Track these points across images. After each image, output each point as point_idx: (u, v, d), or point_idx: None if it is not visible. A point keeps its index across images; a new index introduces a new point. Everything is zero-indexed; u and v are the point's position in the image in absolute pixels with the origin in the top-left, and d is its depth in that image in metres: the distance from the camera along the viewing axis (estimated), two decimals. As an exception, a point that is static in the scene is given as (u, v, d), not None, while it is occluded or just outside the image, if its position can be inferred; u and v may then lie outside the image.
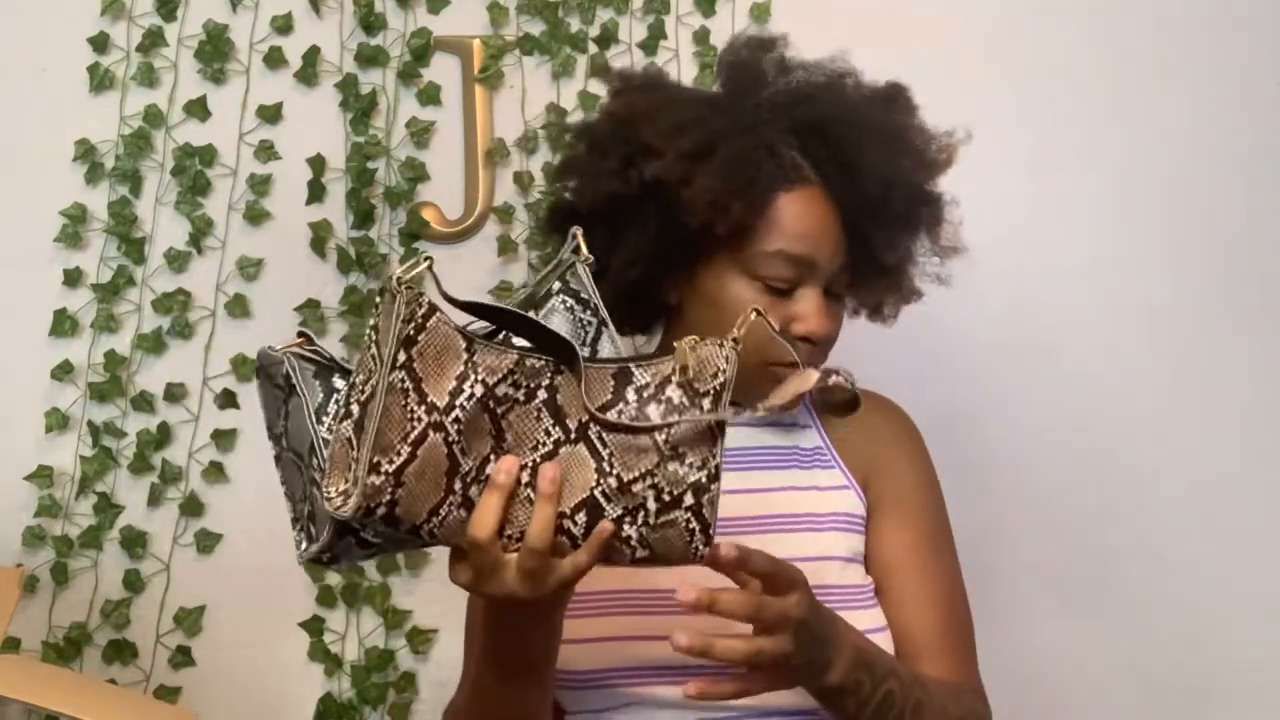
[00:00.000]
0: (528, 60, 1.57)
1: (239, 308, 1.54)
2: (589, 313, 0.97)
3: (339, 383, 0.88)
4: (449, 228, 1.56)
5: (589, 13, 1.56)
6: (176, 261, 1.54)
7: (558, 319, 0.96)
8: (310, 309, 1.55)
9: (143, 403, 1.54)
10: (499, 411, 0.85)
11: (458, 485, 0.84)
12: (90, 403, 1.53)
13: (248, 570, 1.54)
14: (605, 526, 0.85)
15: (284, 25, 1.54)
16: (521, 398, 0.85)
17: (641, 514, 0.86)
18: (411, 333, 0.82)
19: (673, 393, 0.87)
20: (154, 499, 1.54)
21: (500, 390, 0.84)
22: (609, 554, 0.87)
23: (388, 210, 1.56)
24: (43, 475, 1.52)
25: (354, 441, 0.81)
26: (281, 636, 1.55)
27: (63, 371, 1.52)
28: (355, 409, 0.82)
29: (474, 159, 1.56)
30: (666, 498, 0.86)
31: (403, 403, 0.82)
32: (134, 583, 1.53)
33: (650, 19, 1.57)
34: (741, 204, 1.06)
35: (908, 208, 1.14)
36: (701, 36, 1.57)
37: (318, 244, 1.55)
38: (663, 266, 1.12)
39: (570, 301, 0.97)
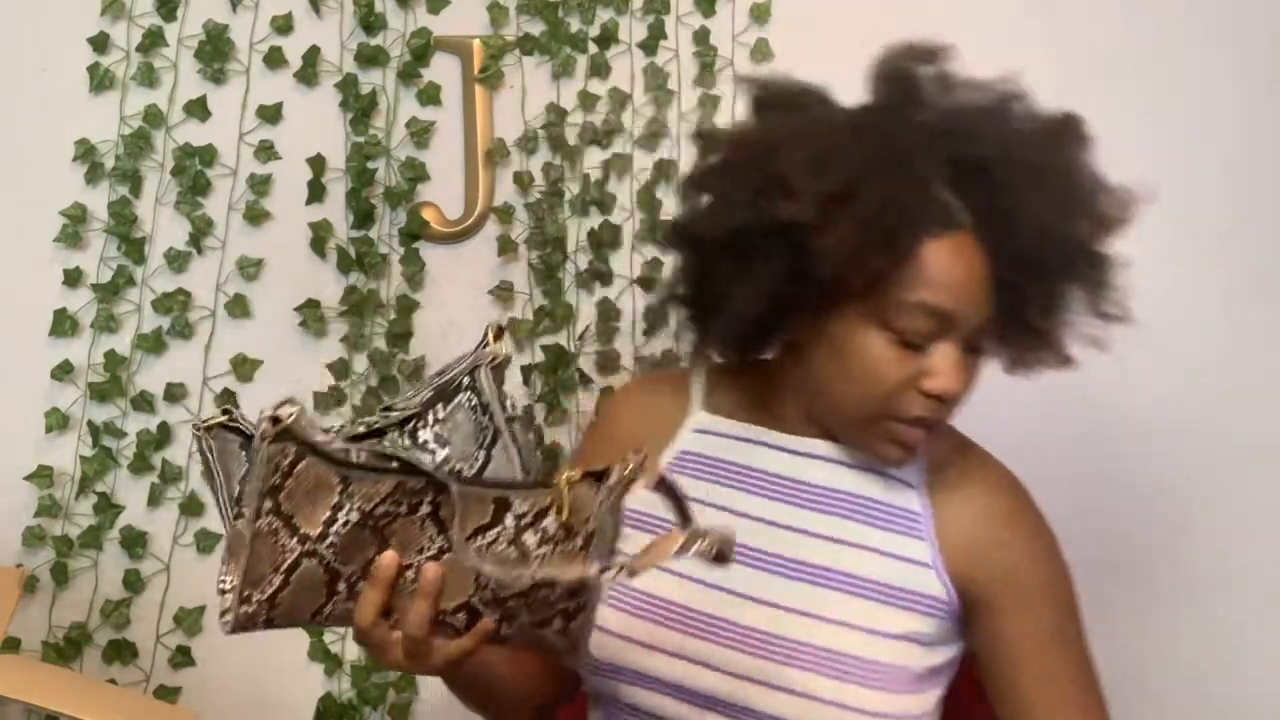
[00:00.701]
0: (528, 60, 1.57)
1: (239, 308, 1.54)
2: (487, 417, 0.97)
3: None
4: (449, 228, 1.56)
5: (589, 13, 1.56)
6: (176, 261, 1.54)
7: (461, 415, 0.97)
8: (310, 309, 1.55)
9: (143, 403, 1.54)
10: (382, 524, 0.88)
11: (341, 586, 0.89)
12: (90, 403, 1.53)
13: (248, 570, 1.54)
14: (487, 625, 0.89)
15: (284, 25, 1.54)
16: (404, 511, 0.88)
17: (517, 622, 0.91)
18: (277, 482, 0.86)
19: (549, 523, 0.88)
20: (154, 499, 1.54)
21: (380, 510, 0.88)
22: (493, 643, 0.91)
23: (388, 210, 1.56)
24: (43, 475, 1.52)
25: (226, 566, 0.88)
26: (281, 636, 1.54)
27: (63, 371, 1.52)
28: (229, 530, 0.88)
29: (474, 159, 1.56)
30: (538, 617, 0.91)
31: (273, 541, 0.87)
32: (134, 583, 1.53)
33: (650, 19, 1.57)
34: (883, 257, 0.96)
35: (1069, 267, 1.03)
36: (701, 36, 1.57)
37: (318, 244, 1.55)
38: (788, 306, 1.02)
39: (474, 400, 0.98)
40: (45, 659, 1.50)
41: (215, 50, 1.53)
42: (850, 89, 1.08)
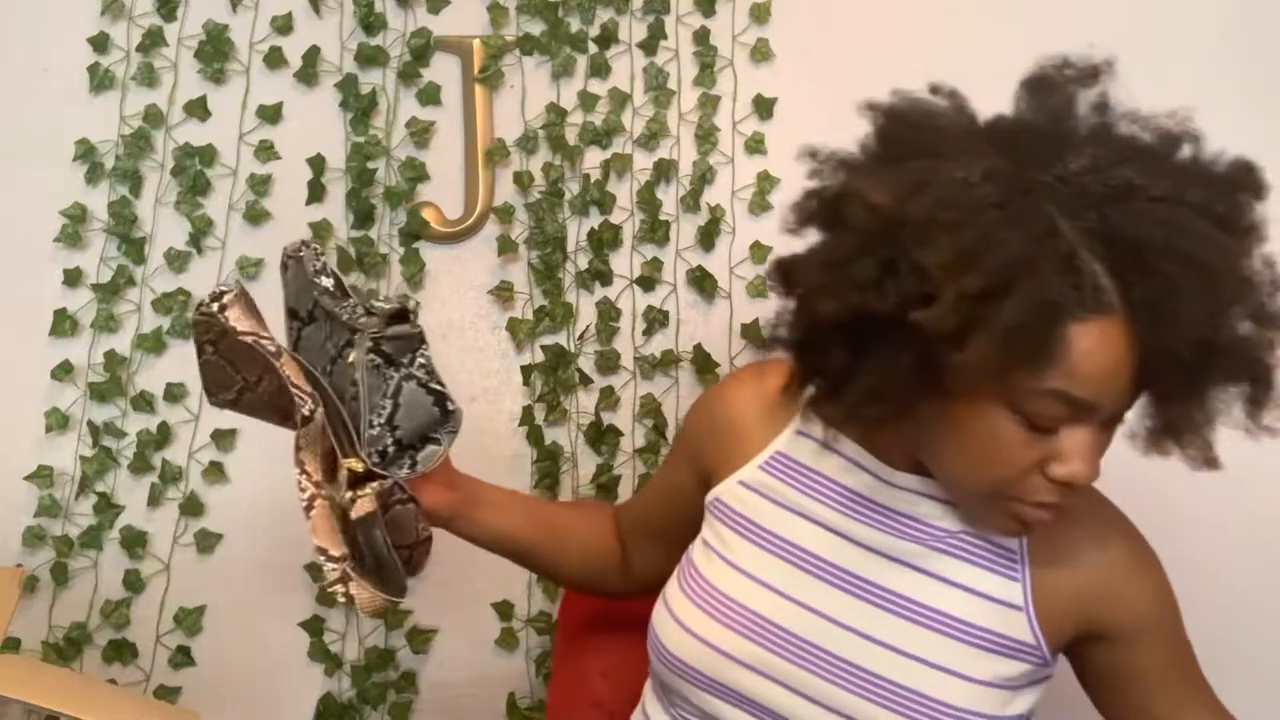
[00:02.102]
0: (528, 60, 1.57)
1: (239, 308, 1.54)
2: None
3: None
4: (449, 228, 1.56)
5: (589, 13, 1.56)
6: (176, 261, 1.54)
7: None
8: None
9: (143, 403, 1.54)
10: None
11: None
12: (90, 403, 1.53)
13: (248, 570, 1.54)
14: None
15: (284, 25, 1.54)
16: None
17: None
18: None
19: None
20: (154, 499, 1.54)
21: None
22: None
23: (388, 210, 1.56)
24: (43, 475, 1.52)
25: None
26: (281, 636, 1.55)
27: (63, 371, 1.52)
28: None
29: (474, 159, 1.56)
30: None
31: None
32: (134, 583, 1.53)
33: (650, 19, 1.57)
34: (1027, 367, 0.85)
35: (1226, 375, 0.88)
36: (701, 36, 1.57)
37: (318, 244, 1.55)
38: (908, 391, 0.90)
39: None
40: (45, 659, 1.50)
41: (215, 50, 1.53)
42: (850, 88, 1.08)
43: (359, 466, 1.00)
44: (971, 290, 0.82)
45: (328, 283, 1.06)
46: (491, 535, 1.16)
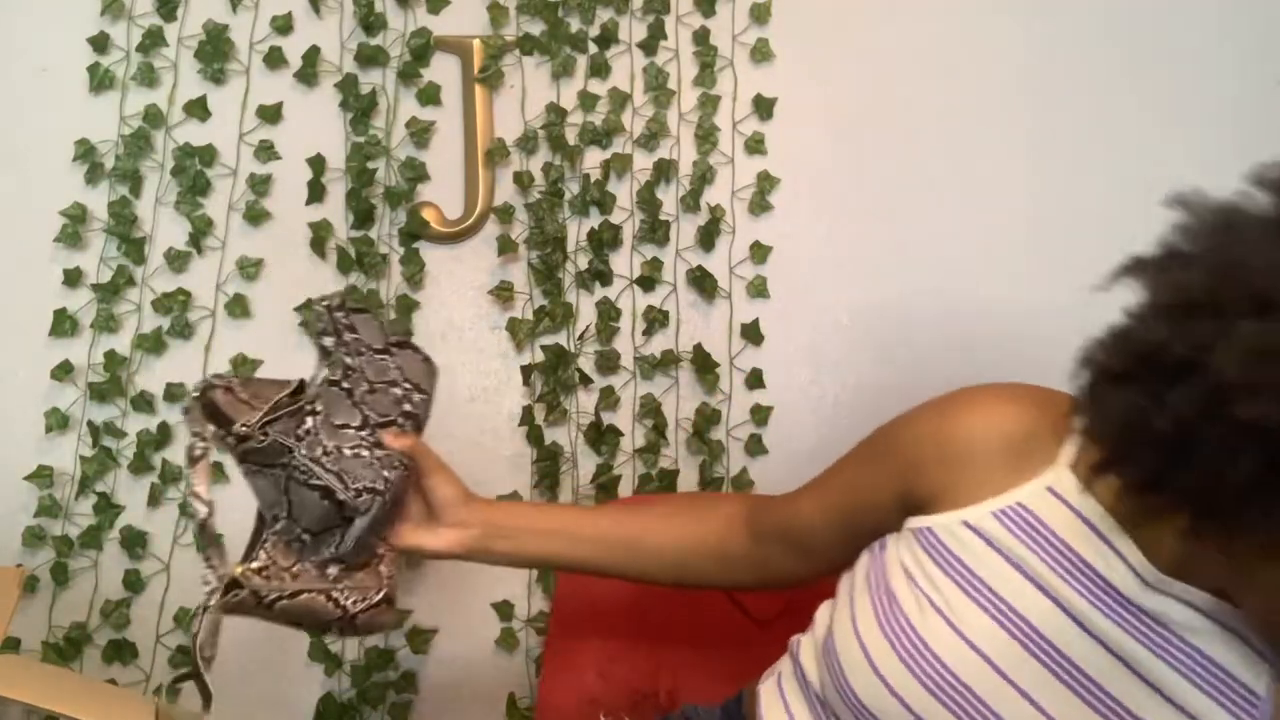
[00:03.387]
0: (528, 60, 1.57)
1: (239, 308, 1.54)
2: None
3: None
4: (449, 228, 1.56)
5: (589, 13, 1.56)
6: (176, 261, 1.54)
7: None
8: (309, 309, 1.55)
9: (143, 403, 1.54)
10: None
11: None
12: (90, 403, 1.53)
13: (248, 570, 1.54)
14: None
15: (284, 25, 1.54)
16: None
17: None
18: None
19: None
20: (154, 499, 1.54)
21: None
22: None
23: (388, 210, 1.56)
24: (43, 475, 1.52)
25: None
26: (281, 636, 1.55)
27: (63, 371, 1.52)
28: None
29: (474, 159, 1.56)
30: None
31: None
32: (134, 583, 1.53)
33: (650, 19, 1.57)
34: None
35: None
36: (701, 36, 1.57)
37: (318, 244, 1.55)
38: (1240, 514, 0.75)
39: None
40: (45, 659, 1.50)
41: (215, 50, 1.53)
42: (851, 89, 1.08)
43: (237, 570, 1.02)
44: None
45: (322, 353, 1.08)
46: (525, 562, 1.13)
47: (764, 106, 1.57)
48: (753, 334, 1.56)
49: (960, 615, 0.93)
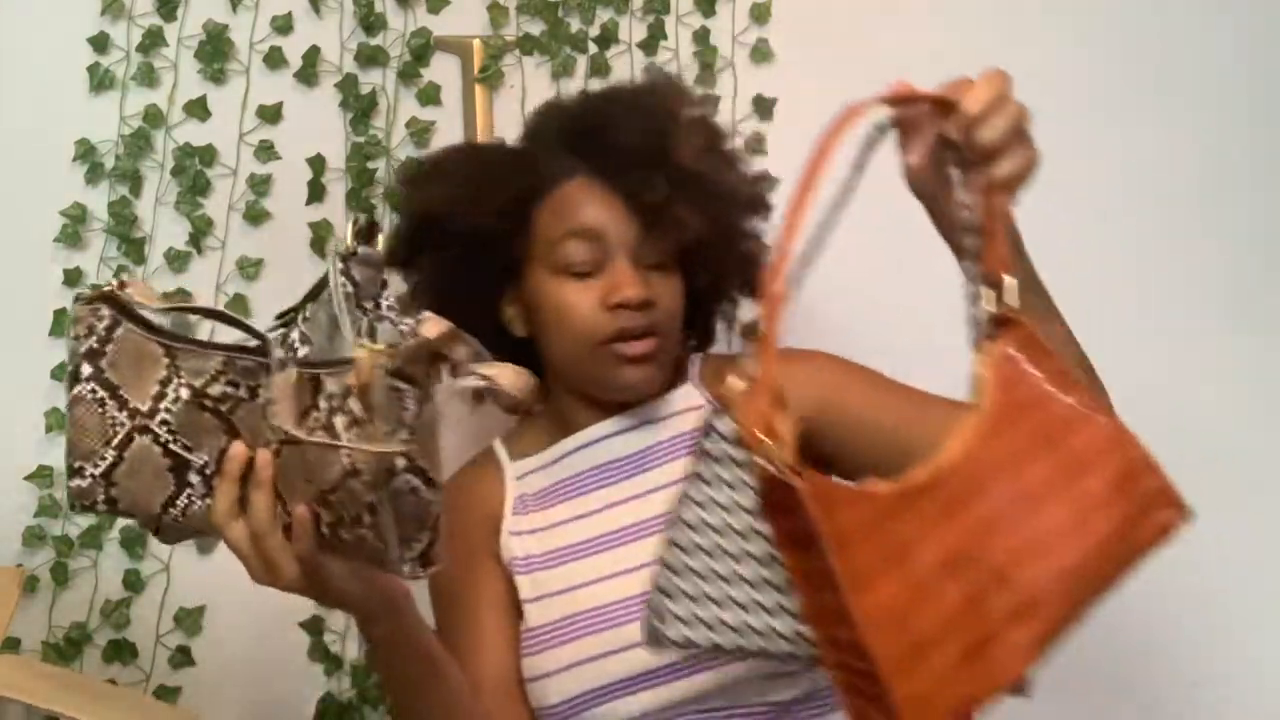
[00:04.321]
0: (528, 60, 1.57)
1: (239, 308, 1.54)
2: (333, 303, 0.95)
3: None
4: (449, 228, 1.56)
5: (589, 13, 1.56)
6: (176, 261, 1.54)
7: (322, 311, 0.96)
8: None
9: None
10: (224, 409, 0.88)
11: (194, 478, 0.88)
12: (90, 403, 1.53)
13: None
14: (300, 511, 0.87)
15: (284, 25, 1.54)
16: (245, 395, 0.88)
17: (345, 523, 0.88)
18: (94, 345, 0.86)
19: (353, 404, 0.85)
20: (154, 499, 1.54)
21: (214, 390, 0.88)
22: (344, 555, 0.90)
23: (388, 210, 1.56)
24: (43, 475, 1.52)
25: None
26: (281, 636, 1.55)
27: (63, 371, 1.52)
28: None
29: (474, 159, 1.56)
30: (353, 513, 0.87)
31: (99, 411, 0.86)
32: (134, 583, 1.53)
33: (650, 19, 1.57)
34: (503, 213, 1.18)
35: (665, 184, 1.16)
36: (701, 36, 1.57)
37: (318, 244, 1.55)
38: (482, 297, 1.21)
39: (328, 293, 0.96)
40: (45, 659, 1.50)
41: (215, 50, 1.53)
42: (850, 89, 1.08)
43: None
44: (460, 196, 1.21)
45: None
46: (387, 657, 1.05)
47: (764, 107, 1.57)
48: (752, 334, 1.55)
49: (574, 576, 1.19)
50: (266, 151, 1.54)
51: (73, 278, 1.52)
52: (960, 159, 0.89)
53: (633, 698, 1.09)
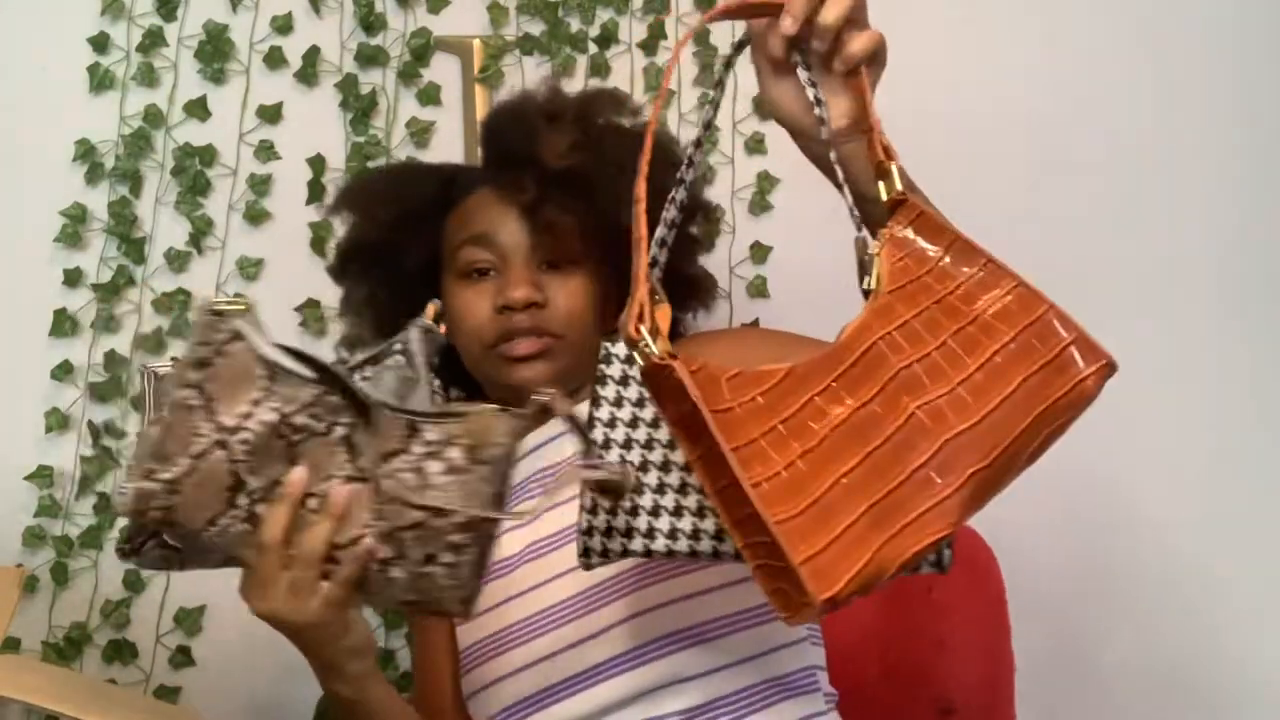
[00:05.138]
0: (528, 60, 1.57)
1: (239, 308, 1.54)
2: (412, 370, 1.00)
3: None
4: (449, 228, 1.56)
5: (589, 13, 1.56)
6: (176, 261, 1.54)
7: (389, 374, 0.99)
8: (310, 309, 1.55)
9: (143, 403, 1.53)
10: (295, 439, 0.89)
11: (242, 500, 0.89)
12: (90, 403, 1.53)
13: (248, 570, 1.54)
14: (370, 546, 0.89)
15: (284, 25, 1.54)
16: (321, 429, 0.89)
17: (407, 561, 0.89)
18: (207, 355, 0.88)
19: (455, 454, 0.89)
20: (154, 499, 1.54)
21: (298, 420, 0.89)
22: (379, 592, 0.92)
23: (388, 210, 1.56)
24: (43, 475, 1.52)
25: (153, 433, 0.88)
26: (281, 636, 1.55)
27: (63, 371, 1.52)
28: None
29: (474, 159, 1.56)
30: (427, 551, 0.89)
31: (188, 418, 0.87)
32: (134, 583, 1.53)
33: (650, 19, 1.57)
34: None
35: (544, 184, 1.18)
36: (701, 36, 1.57)
37: (318, 244, 1.55)
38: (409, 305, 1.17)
39: (402, 361, 1.00)
40: (45, 659, 1.50)
41: (215, 50, 1.53)
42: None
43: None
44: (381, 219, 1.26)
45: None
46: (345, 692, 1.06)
47: (764, 107, 1.57)
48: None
49: (503, 590, 1.16)
50: (266, 151, 1.54)
51: (73, 278, 1.52)
52: (813, 60, 0.93)
53: (571, 700, 1.09)
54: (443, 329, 1.05)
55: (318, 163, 1.54)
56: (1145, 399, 1.65)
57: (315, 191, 1.55)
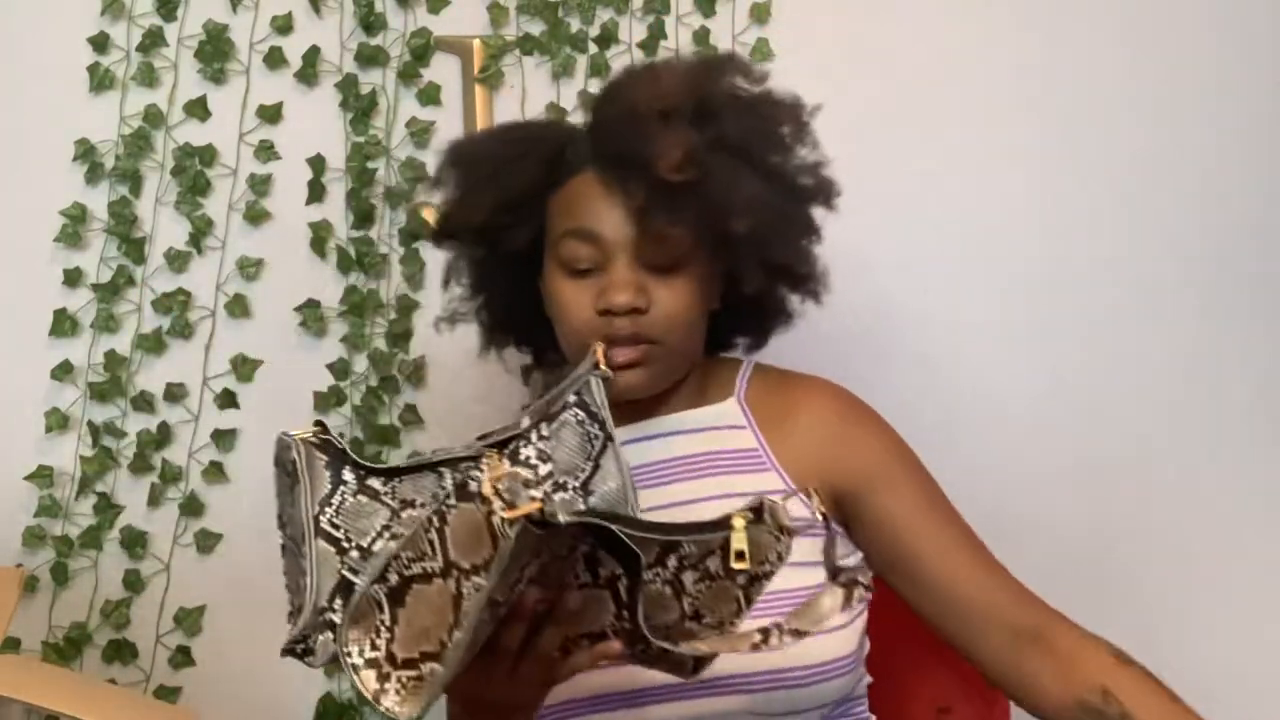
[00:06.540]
0: (528, 60, 1.57)
1: (239, 308, 1.54)
2: (597, 426, 1.00)
3: (348, 475, 0.93)
4: (449, 228, 1.56)
5: (589, 13, 1.56)
6: (176, 261, 1.54)
7: (567, 431, 0.99)
8: (310, 309, 1.55)
9: (143, 403, 1.54)
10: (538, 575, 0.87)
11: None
12: (90, 403, 1.53)
13: (248, 570, 1.54)
14: (611, 648, 0.89)
15: (284, 25, 1.54)
16: (564, 553, 0.86)
17: (652, 646, 0.88)
18: (519, 575, 0.83)
19: (711, 563, 0.90)
20: (154, 499, 1.54)
21: (531, 568, 0.85)
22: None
23: (387, 210, 1.56)
24: (43, 475, 1.52)
25: (385, 613, 0.85)
26: (281, 636, 1.54)
27: (63, 371, 1.52)
28: (394, 579, 0.85)
29: (474, 159, 1.56)
30: (675, 639, 0.90)
31: (487, 625, 0.83)
32: (134, 583, 1.53)
33: (650, 19, 1.57)
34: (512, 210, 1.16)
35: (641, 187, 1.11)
36: (701, 37, 1.57)
37: (318, 244, 1.55)
38: (515, 292, 1.20)
39: (581, 415, 1.00)
40: (45, 659, 1.50)
41: (215, 50, 1.53)
42: (849, 88, 1.08)
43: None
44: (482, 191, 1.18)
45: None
46: None
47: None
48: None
49: None
50: (266, 151, 1.54)
51: (73, 278, 1.53)
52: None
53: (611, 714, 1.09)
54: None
55: (318, 163, 1.54)
56: (1145, 399, 1.65)
57: (315, 191, 1.55)
